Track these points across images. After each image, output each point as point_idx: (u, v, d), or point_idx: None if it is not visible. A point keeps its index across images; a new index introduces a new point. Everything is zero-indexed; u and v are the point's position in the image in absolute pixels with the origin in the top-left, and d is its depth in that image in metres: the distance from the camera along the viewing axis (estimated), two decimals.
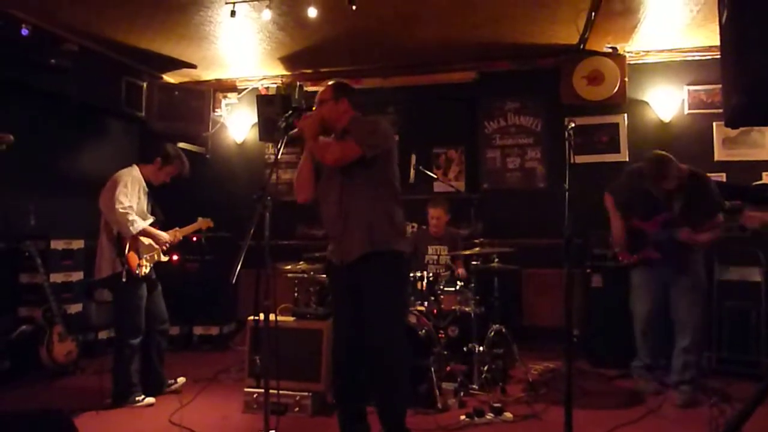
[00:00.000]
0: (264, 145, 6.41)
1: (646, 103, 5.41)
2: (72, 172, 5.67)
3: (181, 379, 4.25)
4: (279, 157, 2.78)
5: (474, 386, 3.93)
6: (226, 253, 5.76)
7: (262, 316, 2.53)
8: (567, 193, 2.59)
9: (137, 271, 3.83)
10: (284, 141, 2.77)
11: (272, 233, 2.52)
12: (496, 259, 4.24)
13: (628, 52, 5.25)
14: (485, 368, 3.95)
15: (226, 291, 5.83)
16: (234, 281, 2.31)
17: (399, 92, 5.84)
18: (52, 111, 5.34)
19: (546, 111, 5.66)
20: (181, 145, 6.01)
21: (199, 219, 4.28)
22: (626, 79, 5.17)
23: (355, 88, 3.04)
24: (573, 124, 2.70)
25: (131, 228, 3.74)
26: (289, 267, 4.20)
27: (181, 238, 4.09)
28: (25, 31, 4.51)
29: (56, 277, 4.97)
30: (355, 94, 3.00)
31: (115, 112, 5.90)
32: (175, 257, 4.24)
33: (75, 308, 5.15)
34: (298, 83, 5.93)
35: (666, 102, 5.31)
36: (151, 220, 4.00)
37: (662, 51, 5.30)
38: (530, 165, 5.68)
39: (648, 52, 5.32)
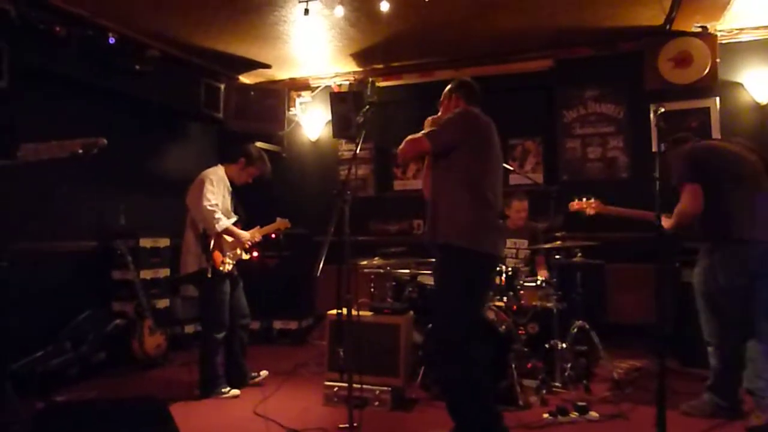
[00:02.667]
0: (337, 142, 6.50)
1: (741, 84, 5.17)
2: (157, 173, 5.89)
3: (263, 373, 4.36)
4: (357, 152, 2.85)
5: (556, 384, 3.88)
6: (302, 249, 5.93)
7: (344, 310, 2.58)
8: (657, 183, 2.52)
9: (221, 268, 3.92)
10: (362, 136, 2.83)
11: (344, 229, 2.57)
12: (579, 254, 4.15)
13: (720, 31, 5.03)
14: (568, 366, 3.90)
15: (303, 286, 6.00)
16: (318, 275, 2.37)
17: None
18: (136, 115, 5.56)
19: (628, 97, 5.50)
20: (258, 144, 6.22)
21: (278, 219, 4.36)
22: (718, 60, 4.93)
23: (470, 83, 3.06)
24: (663, 109, 2.56)
25: (216, 226, 3.83)
26: (365, 262, 4.27)
27: (260, 237, 4.18)
28: (112, 40, 4.74)
29: (145, 274, 5.18)
30: (470, 87, 3.04)
31: (195, 114, 6.09)
32: (254, 254, 4.27)
33: (162, 303, 5.37)
34: (370, 79, 5.97)
35: (763, 83, 5.08)
36: (234, 218, 4.10)
37: (758, 28, 5.08)
38: (612, 154, 5.55)
39: (742, 29, 5.09)
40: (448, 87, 3.06)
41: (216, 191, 3.87)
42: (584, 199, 3.77)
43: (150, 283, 5.22)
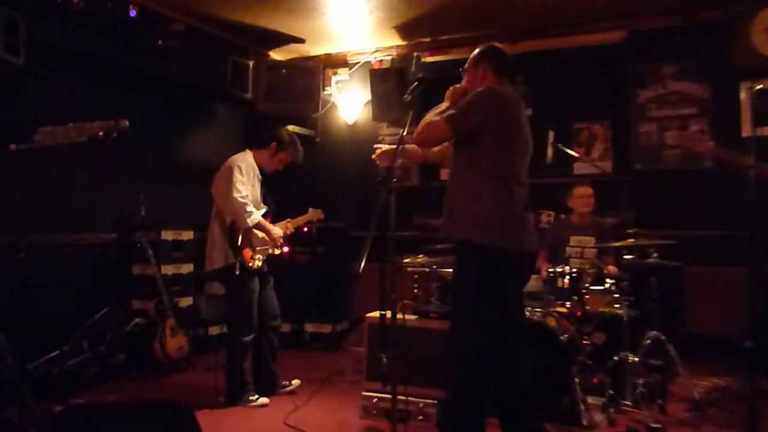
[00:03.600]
0: (377, 125, 6.51)
1: None
2: (179, 159, 6.02)
3: (295, 382, 4.43)
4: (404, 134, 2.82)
5: (626, 402, 3.82)
6: (337, 244, 6.08)
7: (386, 313, 2.57)
8: (752, 173, 2.46)
9: (250, 264, 3.98)
10: (411, 118, 2.77)
11: (389, 222, 2.60)
12: (654, 254, 4.06)
13: None
14: (640, 381, 3.82)
15: (338, 286, 6.12)
16: (360, 271, 2.39)
17: (530, 59, 5.67)
18: (157, 95, 5.65)
19: (714, 74, 5.37)
20: (290, 128, 6.28)
21: (311, 210, 4.43)
22: None
23: (501, 51, 2.95)
24: (759, 87, 2.47)
25: (248, 220, 3.90)
26: (408, 260, 4.27)
27: (293, 230, 4.27)
28: (133, 12, 4.80)
29: (167, 269, 5.34)
30: (501, 57, 2.92)
31: (221, 95, 6.19)
32: (285, 249, 4.34)
33: (185, 302, 5.52)
34: (415, 54, 6.01)
35: None
36: (264, 210, 4.18)
37: None
38: None
39: None
40: (476, 53, 2.94)
41: (246, 180, 3.93)
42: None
43: (172, 279, 5.35)
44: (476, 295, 2.64)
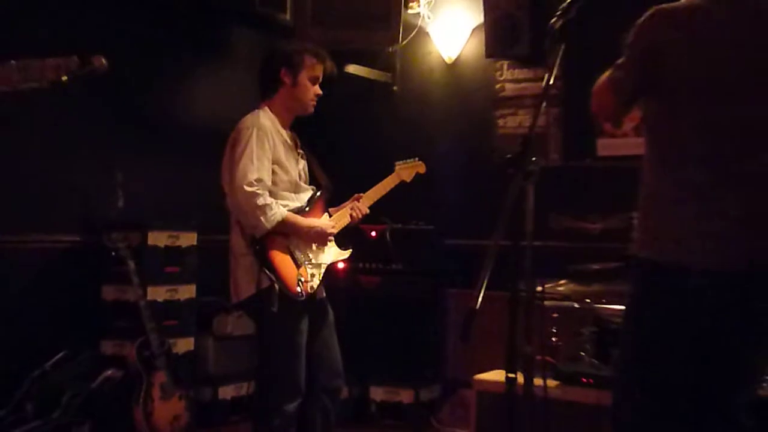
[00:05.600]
0: (493, 66, 6.44)
1: None
2: (177, 120, 6.07)
3: None
4: (551, 83, 2.70)
5: None
6: (424, 258, 6.04)
7: (515, 374, 2.47)
8: None
9: (297, 290, 3.97)
10: (560, 55, 2.63)
11: (522, 227, 2.57)
12: None
13: None
14: None
15: (425, 326, 6.06)
16: (477, 307, 2.30)
17: None
18: (149, 20, 5.77)
19: None
20: (352, 69, 6.29)
21: (399, 167, 4.46)
22: None
23: None
24: None
25: (263, 220, 3.88)
26: (542, 288, 4.28)
27: (360, 216, 4.28)
28: None
29: (156, 293, 5.32)
30: None
31: (245, 16, 6.28)
32: (340, 265, 4.36)
33: (184, 345, 5.52)
34: None
35: None
36: (308, 192, 4.20)
37: None
38: None
39: None
40: None
41: (261, 153, 3.95)
42: None
43: (164, 308, 5.36)
44: (630, 336, 2.86)
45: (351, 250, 4.34)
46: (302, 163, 4.25)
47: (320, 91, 4.14)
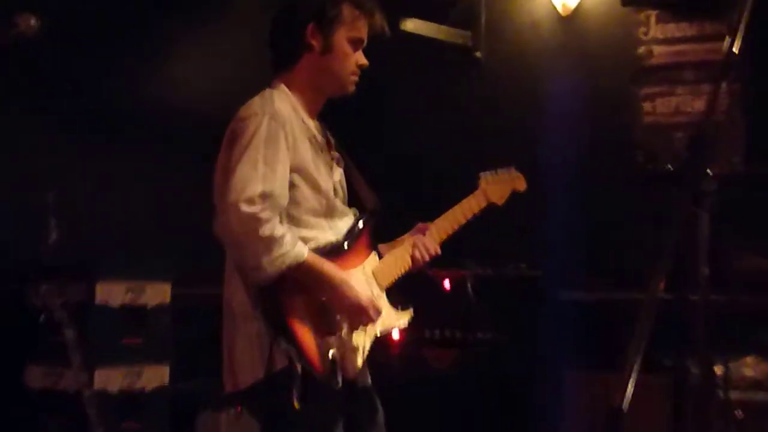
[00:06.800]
0: (634, 18, 5.89)
1: None
2: (143, 110, 5.57)
3: None
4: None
5: None
6: (529, 322, 5.46)
7: None
8: None
9: (330, 374, 3.43)
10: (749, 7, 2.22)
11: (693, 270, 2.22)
12: None
13: None
14: None
15: (528, 430, 5.60)
16: (624, 407, 1.83)
17: None
18: None
19: None
20: (411, 25, 5.80)
21: (483, 181, 3.85)
22: None
23: None
24: None
25: (264, 260, 3.32)
26: (722, 370, 4.23)
27: (427, 258, 3.67)
28: None
29: (108, 378, 4.92)
30: None
31: None
32: (395, 334, 4.35)
33: None
34: None
35: None
36: (346, 218, 3.69)
37: None
38: None
39: None
40: None
41: (272, 154, 3.42)
42: None
43: (121, 402, 4.94)
44: None
45: (412, 310, 3.68)
46: (338, 172, 3.66)
47: (365, 61, 3.60)
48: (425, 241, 3.70)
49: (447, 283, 5.28)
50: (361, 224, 3.65)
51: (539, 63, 6.15)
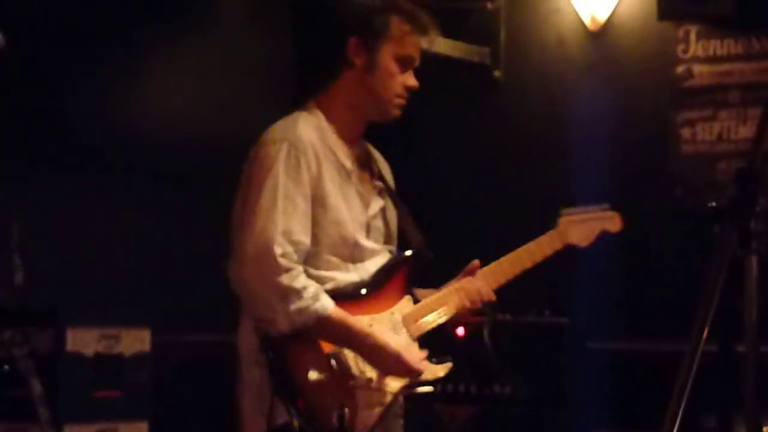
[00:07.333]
0: (673, 34, 5.75)
1: None
2: (123, 132, 5.43)
3: None
4: None
5: None
6: (555, 375, 5.43)
7: None
8: None
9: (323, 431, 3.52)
10: None
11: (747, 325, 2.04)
12: None
13: None
14: None
15: None
16: None
17: None
18: None
19: None
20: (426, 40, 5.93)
21: (565, 219, 3.74)
22: None
23: None
24: None
25: (280, 312, 3.32)
26: None
27: (479, 305, 3.64)
28: None
29: None
30: None
31: None
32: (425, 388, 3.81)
33: None
34: None
35: None
36: (377, 258, 3.64)
37: None
38: None
39: None
40: None
41: (293, 188, 3.42)
42: None
43: None
44: None
45: (450, 363, 3.60)
46: (377, 205, 3.61)
47: (415, 82, 3.57)
48: (478, 285, 3.50)
49: (461, 330, 4.69)
50: (394, 264, 3.53)
51: (565, 84, 6.06)
